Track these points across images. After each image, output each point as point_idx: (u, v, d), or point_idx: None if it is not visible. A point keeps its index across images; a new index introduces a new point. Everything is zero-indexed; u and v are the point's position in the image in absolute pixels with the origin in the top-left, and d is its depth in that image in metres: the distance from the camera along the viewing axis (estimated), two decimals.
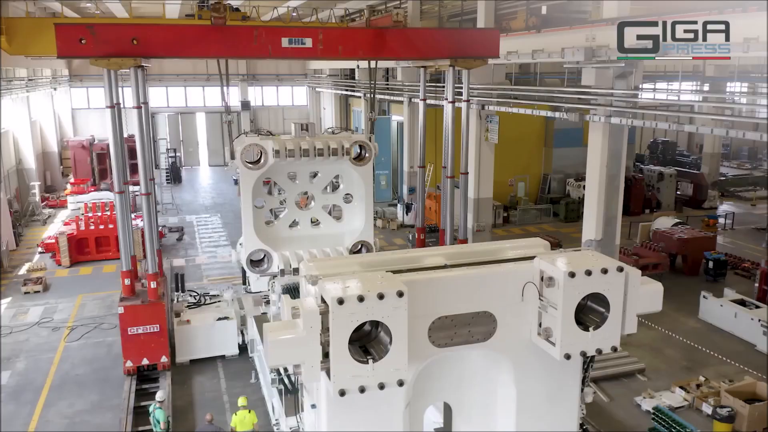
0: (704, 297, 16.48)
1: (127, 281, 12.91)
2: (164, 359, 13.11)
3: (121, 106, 13.45)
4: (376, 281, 5.69)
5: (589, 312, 6.54)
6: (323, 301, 5.60)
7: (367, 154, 13.60)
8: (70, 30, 11.78)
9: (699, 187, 29.66)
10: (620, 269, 6.25)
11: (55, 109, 36.62)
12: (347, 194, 14.23)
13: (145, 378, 13.21)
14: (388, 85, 29.77)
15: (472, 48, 13.42)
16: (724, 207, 29.94)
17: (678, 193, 29.67)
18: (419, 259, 6.86)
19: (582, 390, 7.26)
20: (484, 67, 14.61)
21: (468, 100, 14.38)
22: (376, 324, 5.76)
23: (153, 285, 12.72)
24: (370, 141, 13.62)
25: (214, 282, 19.53)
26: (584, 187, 27.81)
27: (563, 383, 6.98)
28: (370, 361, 5.58)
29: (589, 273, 6.10)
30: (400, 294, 5.48)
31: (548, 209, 27.38)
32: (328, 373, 5.61)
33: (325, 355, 5.61)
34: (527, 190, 28.63)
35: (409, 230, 24.82)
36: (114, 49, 11.77)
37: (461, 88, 14.75)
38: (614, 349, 6.49)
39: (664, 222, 22.33)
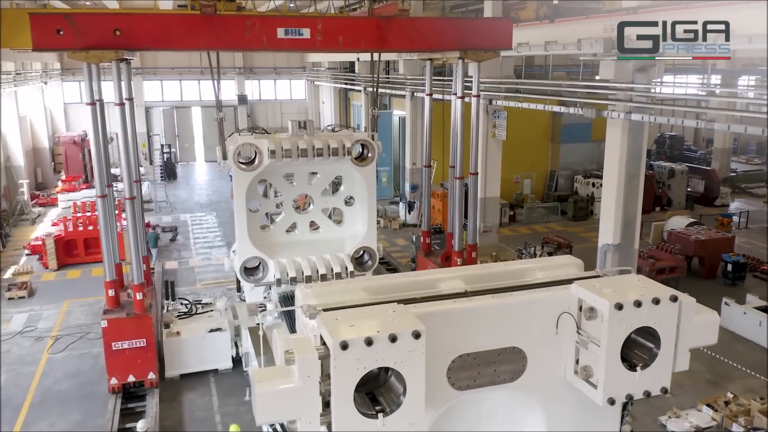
0: (726, 304, 15.56)
1: (111, 292, 11.95)
2: (152, 376, 12.17)
3: (105, 102, 12.47)
4: (387, 317, 4.74)
5: (634, 346, 5.60)
6: (323, 342, 4.65)
7: (369, 154, 12.63)
8: (46, 20, 10.76)
9: (710, 183, 28.71)
10: (674, 299, 5.30)
11: (45, 104, 35.52)
12: (348, 196, 13.30)
13: (131, 395, 12.27)
14: (389, 78, 28.72)
15: (483, 39, 12.40)
16: (736, 204, 29.03)
17: (688, 189, 28.71)
18: (434, 283, 5.90)
19: (620, 429, 6.33)
20: (491, 60, 13.61)
21: (478, 95, 13.35)
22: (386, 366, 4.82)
23: (139, 296, 11.77)
24: (372, 139, 12.66)
25: (207, 286, 18.59)
26: (593, 184, 27.02)
27: (601, 424, 6.04)
28: (380, 414, 4.64)
29: (638, 304, 5.16)
30: (417, 335, 4.53)
31: (555, 207, 26.42)
32: (329, 428, 4.67)
33: (326, 404, 4.68)
34: (533, 188, 27.65)
35: (411, 230, 23.85)
36: (94, 40, 10.78)
37: (468, 81, 13.74)
38: (664, 391, 5.56)
39: (678, 222, 21.40)
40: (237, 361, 13.47)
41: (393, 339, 4.47)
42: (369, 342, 4.42)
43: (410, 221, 24.93)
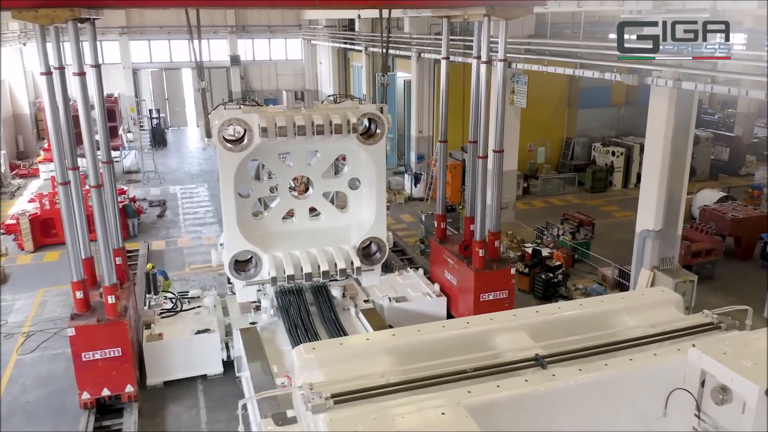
0: None
1: (79, 294, 10.29)
2: (129, 389, 10.58)
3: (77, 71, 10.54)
4: (434, 427, 3.07)
5: None
6: None
7: (378, 130, 10.81)
8: None
9: (736, 151, 26.85)
10: None
11: (25, 67, 33.20)
12: (353, 178, 11.52)
13: (107, 409, 10.73)
14: (391, 37, 26.41)
15: None
16: (761, 173, 27.22)
17: (711, 157, 26.84)
18: (486, 338, 4.21)
19: None
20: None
21: (505, 59, 11.44)
22: None
23: (111, 300, 10.11)
24: (381, 112, 10.82)
25: (197, 271, 16.92)
26: (613, 153, 25.16)
27: None
28: None
29: None
30: None
31: (572, 178, 24.59)
32: None
33: None
34: (548, 157, 25.73)
35: (418, 205, 22.12)
36: None
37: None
38: None
39: (708, 196, 19.66)
40: (228, 364, 11.90)
41: None
42: None
43: (416, 195, 23.16)
